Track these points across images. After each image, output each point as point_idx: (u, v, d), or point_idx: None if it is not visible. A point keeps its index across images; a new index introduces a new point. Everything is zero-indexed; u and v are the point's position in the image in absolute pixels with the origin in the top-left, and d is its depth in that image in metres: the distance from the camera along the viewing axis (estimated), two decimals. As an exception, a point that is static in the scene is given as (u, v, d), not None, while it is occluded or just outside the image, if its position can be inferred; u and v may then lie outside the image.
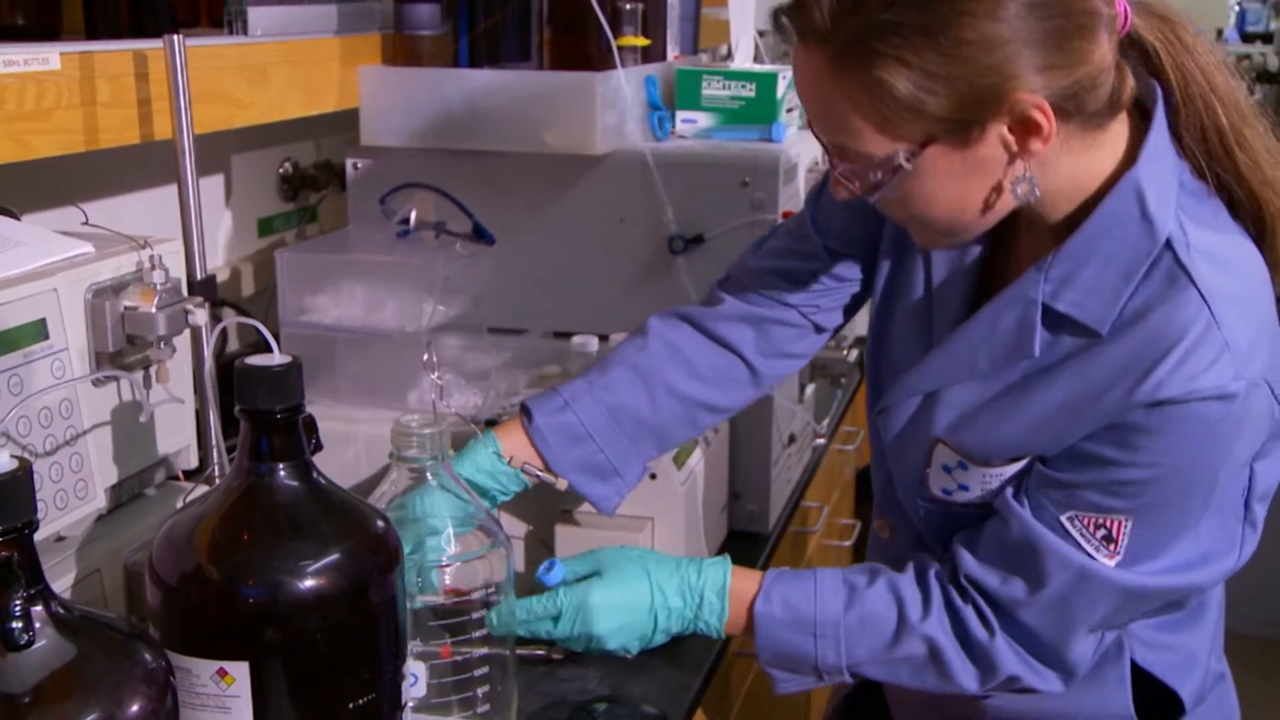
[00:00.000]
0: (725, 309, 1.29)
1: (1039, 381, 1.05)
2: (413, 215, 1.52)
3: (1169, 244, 1.00)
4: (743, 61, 1.71)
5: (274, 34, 1.44)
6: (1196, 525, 1.05)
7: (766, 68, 1.69)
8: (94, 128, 1.18)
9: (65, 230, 1.13)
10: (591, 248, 1.60)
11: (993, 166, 0.99)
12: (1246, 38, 5.91)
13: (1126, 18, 1.00)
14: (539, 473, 1.22)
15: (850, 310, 1.31)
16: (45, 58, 1.11)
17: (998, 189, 1.00)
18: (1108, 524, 1.03)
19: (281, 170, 1.97)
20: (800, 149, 1.63)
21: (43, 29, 1.32)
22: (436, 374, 1.14)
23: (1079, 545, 1.04)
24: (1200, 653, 1.19)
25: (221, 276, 1.81)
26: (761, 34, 1.84)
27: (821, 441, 1.87)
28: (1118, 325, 1.01)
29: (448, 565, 1.05)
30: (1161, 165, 1.03)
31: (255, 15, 1.41)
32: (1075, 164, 1.02)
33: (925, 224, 1.05)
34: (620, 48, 1.63)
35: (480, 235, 1.50)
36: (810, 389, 1.78)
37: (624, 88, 1.57)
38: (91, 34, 1.34)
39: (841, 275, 1.27)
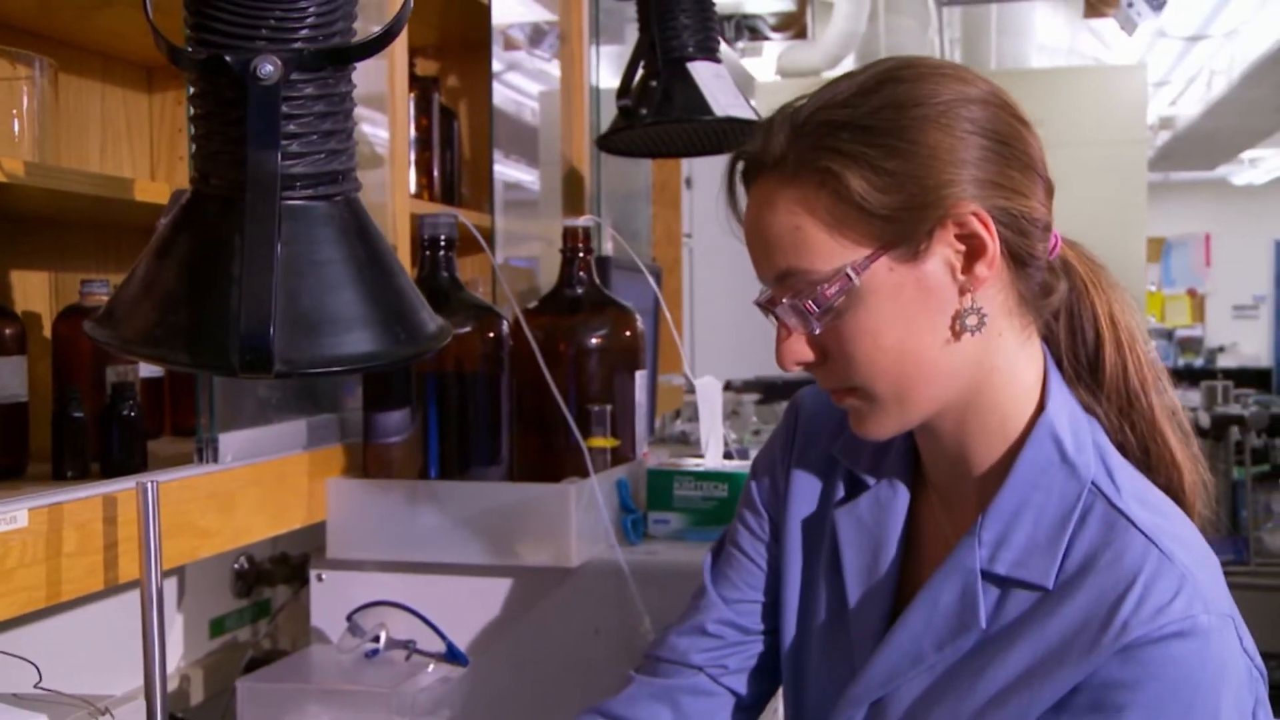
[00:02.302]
0: (634, 690, 1.20)
1: (994, 651, 0.99)
2: (383, 635, 1.46)
3: (1098, 489, 0.99)
4: (713, 460, 1.71)
5: (244, 458, 1.42)
6: None
7: (738, 467, 1.69)
8: (57, 580, 1.12)
9: (16, 693, 1.07)
10: (567, 662, 1.54)
11: (940, 296, 0.98)
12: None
13: (1057, 241, 1.05)
14: None
15: (767, 676, 1.22)
16: (13, 516, 1.07)
17: (948, 331, 0.99)
18: None
19: (236, 566, 1.91)
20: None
21: (8, 468, 1.29)
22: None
23: None
24: None
25: (169, 686, 1.72)
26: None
27: None
28: (1063, 579, 0.97)
29: None
30: (1068, 408, 1.03)
31: (226, 441, 1.38)
32: (1016, 357, 1.02)
33: (872, 378, 1.00)
34: (590, 449, 1.63)
35: (453, 656, 1.44)
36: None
37: (598, 495, 1.56)
38: (58, 469, 1.31)
39: (745, 626, 1.20)
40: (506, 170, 2.79)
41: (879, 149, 0.97)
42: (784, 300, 1.00)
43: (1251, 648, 0.98)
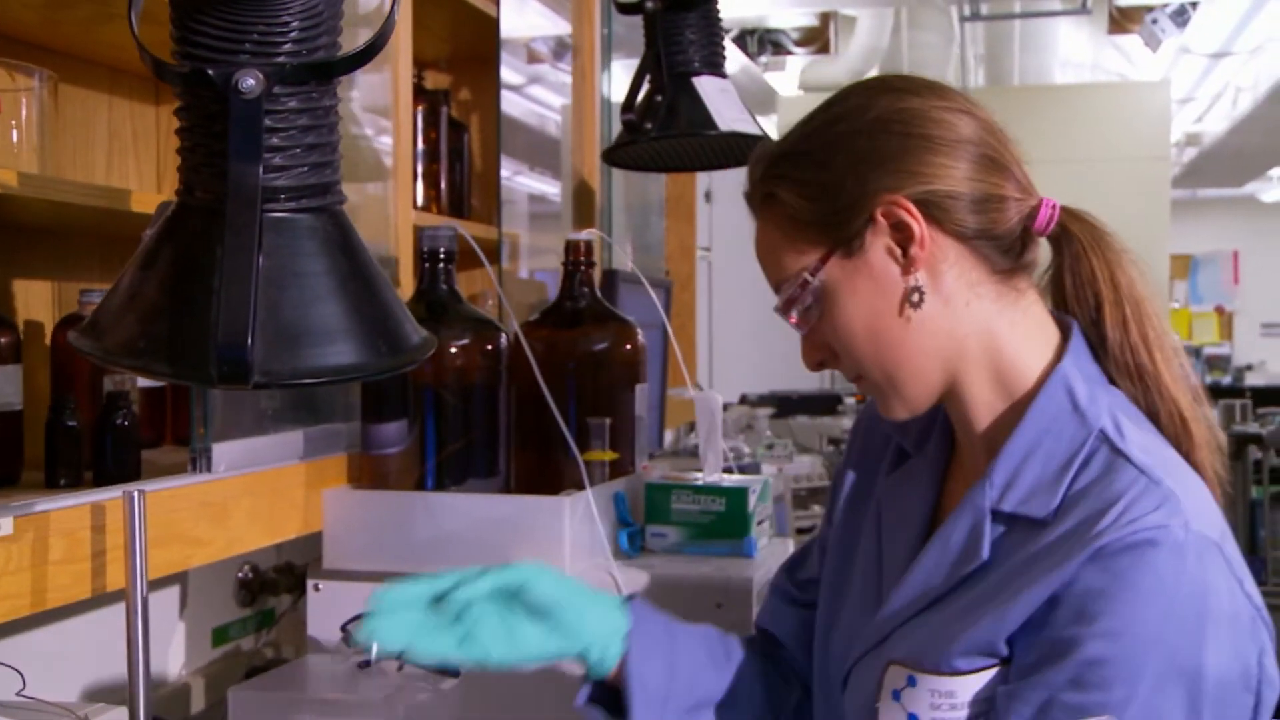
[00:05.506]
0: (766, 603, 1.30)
1: (985, 574, 1.04)
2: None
3: (1105, 436, 1.03)
4: (712, 475, 1.71)
5: (238, 467, 1.42)
6: None
7: (736, 482, 1.69)
8: (42, 588, 1.13)
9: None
10: (558, 674, 1.53)
11: (889, 280, 1.07)
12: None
13: (1053, 214, 1.09)
14: None
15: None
16: (-1, 524, 1.07)
17: (905, 308, 1.06)
18: None
19: (240, 575, 1.91)
20: (773, 563, 1.60)
21: (2, 476, 1.30)
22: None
23: None
24: None
25: (169, 693, 1.72)
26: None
27: None
28: (1059, 510, 1.01)
29: None
30: (1084, 365, 1.08)
31: (219, 451, 1.39)
32: (997, 323, 1.07)
33: (861, 364, 1.10)
34: (588, 462, 1.63)
35: (445, 668, 1.44)
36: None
37: (593, 508, 1.55)
38: (51, 477, 1.32)
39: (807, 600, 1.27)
40: (531, 183, 2.80)
41: (807, 167, 1.09)
42: (781, 302, 1.12)
43: (1254, 591, 0.98)
